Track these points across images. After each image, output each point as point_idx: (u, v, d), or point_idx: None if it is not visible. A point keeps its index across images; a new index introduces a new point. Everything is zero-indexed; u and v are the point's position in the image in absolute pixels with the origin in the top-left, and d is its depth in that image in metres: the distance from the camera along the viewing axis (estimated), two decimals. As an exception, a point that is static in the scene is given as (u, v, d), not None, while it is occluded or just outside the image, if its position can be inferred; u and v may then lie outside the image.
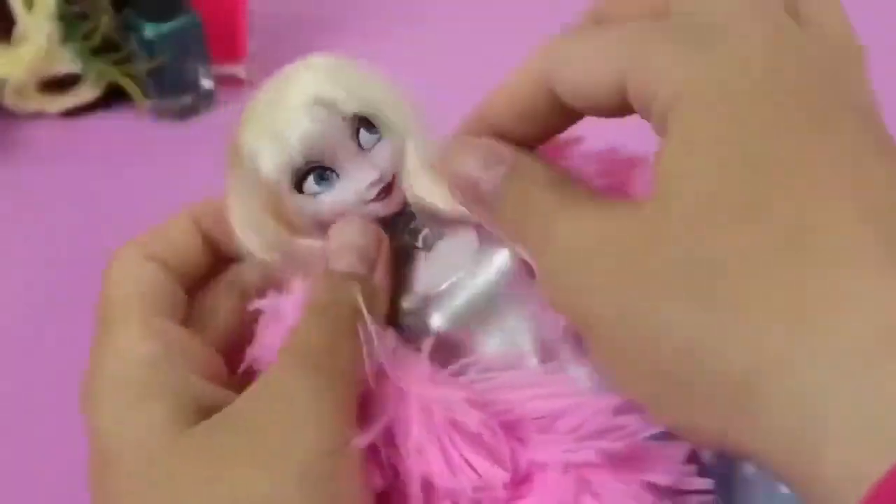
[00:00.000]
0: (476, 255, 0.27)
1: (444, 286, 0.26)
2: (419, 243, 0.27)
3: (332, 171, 0.26)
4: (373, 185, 0.26)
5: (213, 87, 0.53)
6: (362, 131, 0.26)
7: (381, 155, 0.26)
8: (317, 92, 0.25)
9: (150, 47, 0.49)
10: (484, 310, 0.26)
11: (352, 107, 0.25)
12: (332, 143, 0.25)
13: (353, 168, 0.26)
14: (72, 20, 0.49)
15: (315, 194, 0.26)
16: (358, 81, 0.26)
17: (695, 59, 0.19)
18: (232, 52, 0.53)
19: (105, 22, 0.49)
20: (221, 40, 0.52)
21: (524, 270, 0.26)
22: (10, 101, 0.51)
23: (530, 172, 0.22)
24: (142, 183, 0.48)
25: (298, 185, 0.26)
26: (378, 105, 0.26)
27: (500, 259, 0.26)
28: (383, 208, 0.26)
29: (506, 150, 0.23)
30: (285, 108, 0.25)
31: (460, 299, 0.26)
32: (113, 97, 0.52)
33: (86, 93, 0.51)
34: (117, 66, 0.50)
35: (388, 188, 0.26)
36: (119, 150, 0.50)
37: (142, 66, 0.50)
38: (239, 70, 0.54)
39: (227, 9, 0.52)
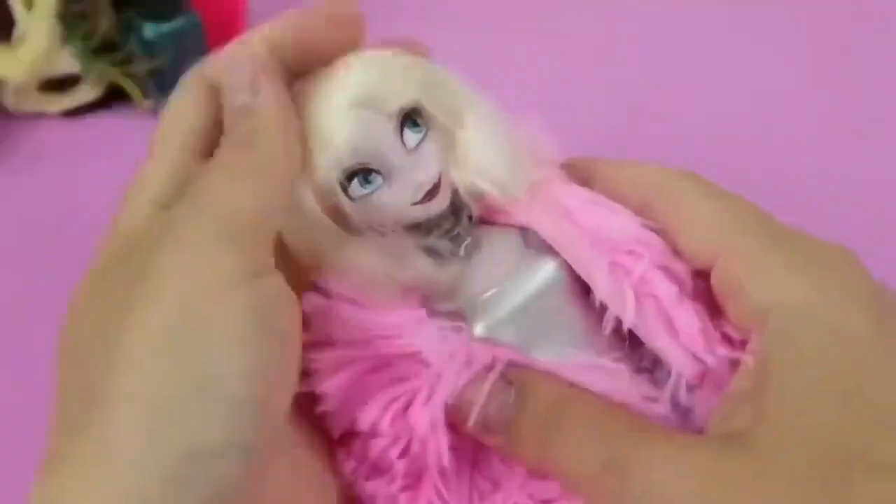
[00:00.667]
0: (521, 263, 0.26)
1: (487, 294, 0.26)
2: (461, 252, 0.26)
3: (378, 172, 0.25)
4: (419, 187, 0.25)
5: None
6: (406, 130, 0.25)
7: (427, 154, 0.25)
8: (358, 93, 0.25)
9: (150, 47, 0.49)
10: (527, 320, 0.26)
11: (394, 104, 0.25)
12: (377, 143, 0.25)
13: (399, 169, 0.25)
14: (72, 20, 0.49)
15: (359, 197, 0.25)
16: (401, 76, 0.25)
17: (808, 278, 0.20)
18: (232, 52, 0.53)
19: (105, 22, 0.49)
20: (221, 40, 0.52)
21: (568, 281, 0.26)
22: (10, 101, 0.51)
23: (570, 401, 0.22)
24: (142, 183, 0.48)
25: (344, 188, 0.25)
26: (421, 98, 0.25)
27: (546, 269, 0.26)
28: (430, 209, 0.26)
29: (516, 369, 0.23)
30: (329, 111, 0.25)
31: (504, 310, 0.25)
32: (113, 97, 0.52)
33: (86, 93, 0.51)
34: (117, 66, 0.50)
35: (434, 189, 0.25)
36: (119, 150, 0.50)
37: (142, 66, 0.50)
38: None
39: (227, 9, 0.52)
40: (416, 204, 0.25)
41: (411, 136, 0.25)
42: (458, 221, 0.26)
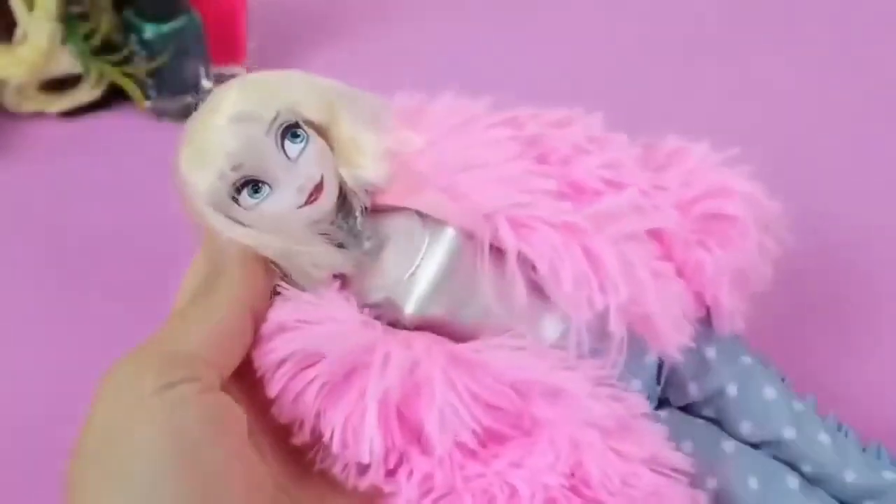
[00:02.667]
0: (427, 238, 0.28)
1: (407, 275, 0.28)
2: (365, 245, 0.28)
3: (265, 183, 0.27)
4: (301, 189, 0.27)
5: (213, 87, 0.53)
6: (287, 143, 0.27)
7: (308, 160, 0.27)
8: (234, 110, 0.27)
9: (150, 48, 0.49)
10: (447, 288, 0.28)
11: (269, 116, 0.27)
12: (258, 154, 0.27)
13: (283, 177, 0.27)
14: (72, 21, 0.49)
15: (251, 206, 0.27)
16: (272, 92, 0.28)
17: None
18: (232, 52, 0.53)
19: (105, 23, 0.49)
20: (221, 40, 0.52)
21: (470, 241, 0.28)
22: (10, 101, 0.51)
23: None
24: (142, 183, 0.48)
25: (235, 199, 0.27)
26: (294, 108, 0.28)
27: (447, 237, 0.28)
28: (318, 209, 0.28)
29: None
30: (209, 130, 0.27)
31: (424, 285, 0.28)
32: (113, 97, 0.52)
33: (86, 93, 0.52)
34: (118, 66, 0.50)
35: (317, 189, 0.27)
36: (119, 150, 0.50)
37: (142, 66, 0.50)
38: (239, 70, 0.54)
39: (227, 9, 0.52)
40: (302, 206, 0.27)
41: (292, 147, 0.27)
42: (351, 216, 0.29)
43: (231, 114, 0.27)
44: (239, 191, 0.27)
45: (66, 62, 0.50)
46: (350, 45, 0.59)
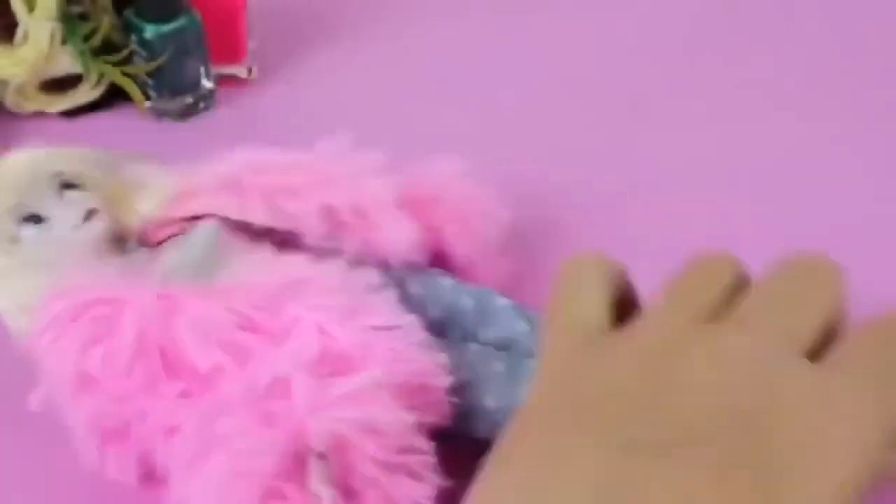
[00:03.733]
0: (190, 238, 0.35)
1: (176, 262, 0.35)
2: (143, 257, 0.36)
3: (48, 217, 0.35)
4: (79, 211, 0.35)
5: (214, 87, 0.53)
6: (67, 192, 0.35)
7: (83, 198, 0.35)
8: (25, 158, 0.36)
9: (150, 48, 0.49)
10: (201, 262, 0.35)
11: (49, 168, 0.36)
12: (40, 191, 0.35)
13: (60, 211, 0.35)
14: (73, 21, 0.49)
15: (35, 235, 0.34)
16: (47, 161, 0.36)
17: None
18: (232, 52, 0.53)
19: (106, 23, 0.49)
20: (221, 40, 0.52)
21: (228, 229, 0.36)
22: (11, 101, 0.51)
23: None
24: (142, 183, 0.48)
25: (17, 239, 0.35)
26: (67, 173, 0.36)
27: (204, 227, 0.35)
28: (94, 227, 0.35)
29: None
30: (2, 174, 0.36)
31: (190, 263, 0.35)
32: (113, 97, 0.52)
33: (86, 93, 0.52)
34: (118, 66, 0.50)
35: (92, 211, 0.35)
36: (119, 150, 0.50)
37: (142, 66, 0.50)
38: (239, 70, 0.54)
39: (227, 9, 0.52)
40: (80, 225, 0.35)
41: (71, 195, 0.35)
42: (126, 244, 0.36)
43: (19, 161, 0.36)
44: (20, 224, 0.34)
45: (67, 62, 0.50)
46: (350, 45, 0.59)
